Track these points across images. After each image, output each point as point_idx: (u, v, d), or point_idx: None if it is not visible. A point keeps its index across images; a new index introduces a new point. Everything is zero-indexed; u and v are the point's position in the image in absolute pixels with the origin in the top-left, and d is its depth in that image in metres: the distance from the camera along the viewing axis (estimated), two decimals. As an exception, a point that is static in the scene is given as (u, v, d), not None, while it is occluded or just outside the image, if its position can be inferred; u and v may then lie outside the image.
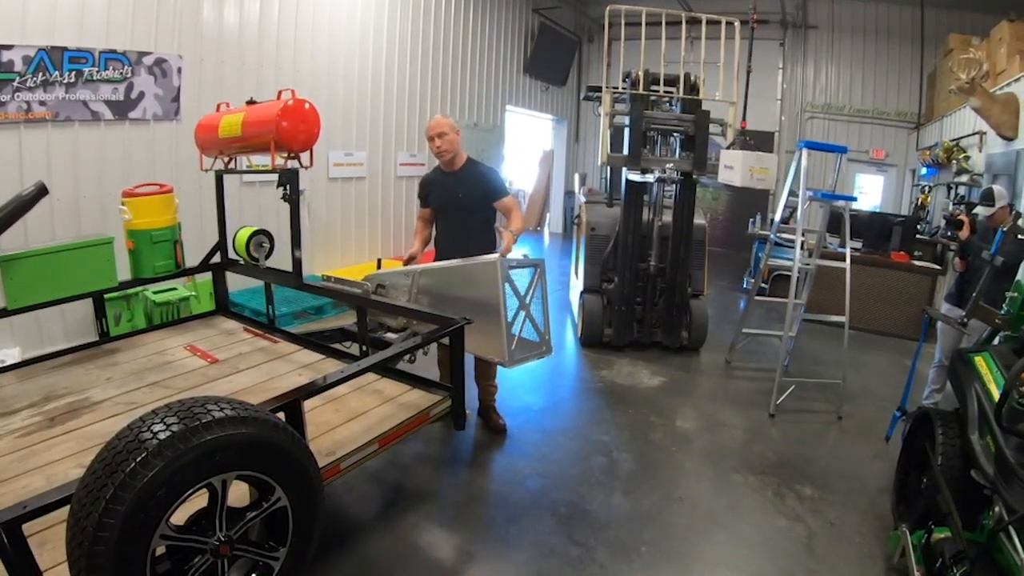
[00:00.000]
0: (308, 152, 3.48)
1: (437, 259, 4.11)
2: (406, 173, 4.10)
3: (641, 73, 5.67)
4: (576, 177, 9.78)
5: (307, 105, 3.39)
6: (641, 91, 5.63)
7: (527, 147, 14.95)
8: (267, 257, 4.14)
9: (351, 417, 2.94)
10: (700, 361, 6.21)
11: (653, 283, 6.17)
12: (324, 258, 7.83)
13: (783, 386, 5.05)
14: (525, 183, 15.15)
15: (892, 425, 4.19)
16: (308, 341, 3.94)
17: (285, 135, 3.29)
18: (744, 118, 6.84)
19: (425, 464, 3.99)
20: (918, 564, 2.63)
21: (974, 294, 3.88)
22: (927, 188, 9.41)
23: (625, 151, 5.67)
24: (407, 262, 4.04)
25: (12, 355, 4.80)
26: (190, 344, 3.82)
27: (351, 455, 2.61)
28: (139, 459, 1.61)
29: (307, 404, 2.35)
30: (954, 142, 8.04)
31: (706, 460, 4.23)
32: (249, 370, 3.46)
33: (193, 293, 5.67)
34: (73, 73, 5.04)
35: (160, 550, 1.75)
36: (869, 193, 11.69)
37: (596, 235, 6.39)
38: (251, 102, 3.68)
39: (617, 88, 5.81)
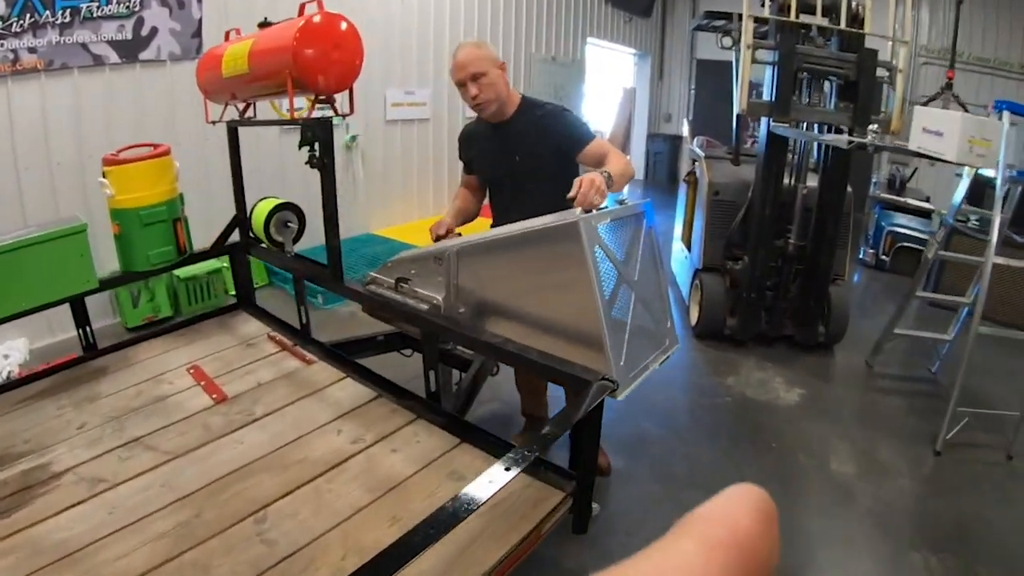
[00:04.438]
0: (347, 93, 2.34)
1: None
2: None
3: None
4: (686, 124, 8.45)
5: (343, 25, 2.22)
6: (793, 19, 4.17)
7: (607, 84, 13.35)
8: (295, 240, 2.95)
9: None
10: (836, 363, 4.96)
11: (790, 265, 4.79)
12: (382, 212, 6.88)
13: (957, 416, 3.77)
14: (603, 123, 13.59)
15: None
16: (351, 362, 2.83)
17: (307, 68, 2.15)
18: (951, 66, 5.15)
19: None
20: None
21: None
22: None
23: (766, 97, 4.32)
24: (437, 239, 2.72)
25: (17, 348, 4.17)
26: (195, 364, 2.80)
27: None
28: None
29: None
30: None
31: (876, 528, 3.10)
32: (267, 418, 2.40)
33: (224, 264, 4.82)
34: (68, 11, 4.22)
35: None
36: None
37: (720, 201, 5.01)
38: (265, 24, 2.51)
39: (758, 16, 4.32)
